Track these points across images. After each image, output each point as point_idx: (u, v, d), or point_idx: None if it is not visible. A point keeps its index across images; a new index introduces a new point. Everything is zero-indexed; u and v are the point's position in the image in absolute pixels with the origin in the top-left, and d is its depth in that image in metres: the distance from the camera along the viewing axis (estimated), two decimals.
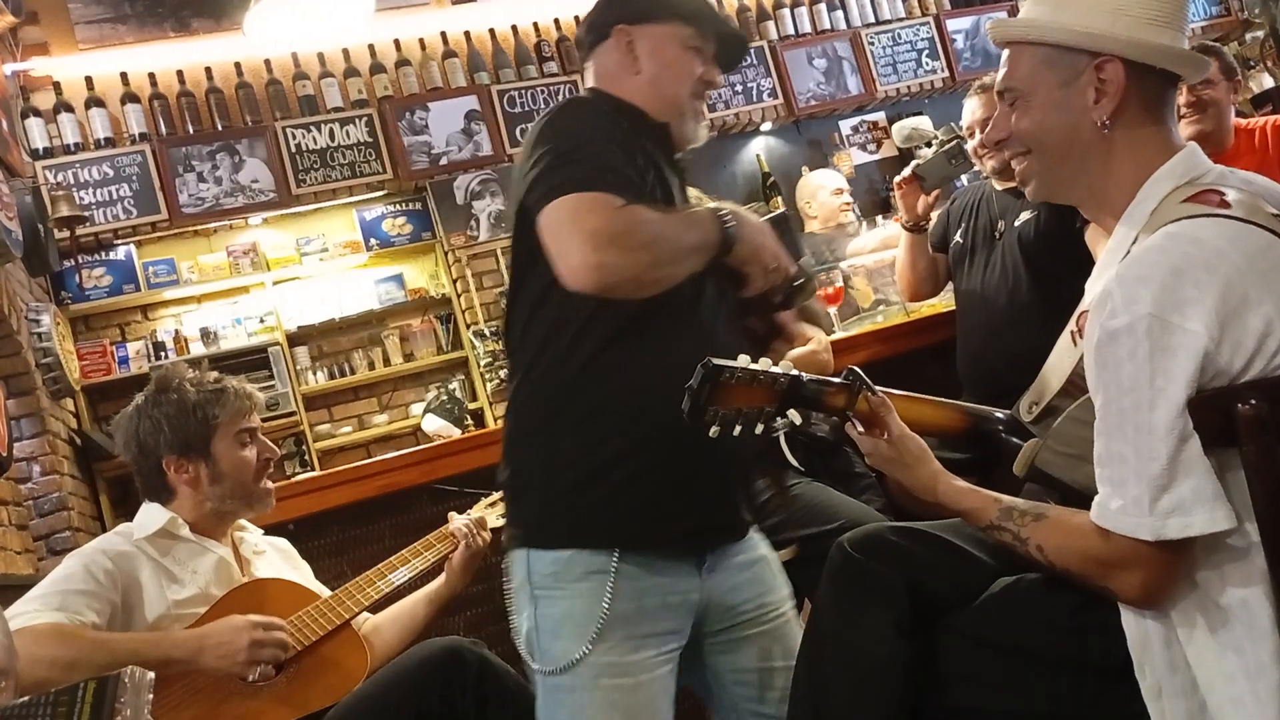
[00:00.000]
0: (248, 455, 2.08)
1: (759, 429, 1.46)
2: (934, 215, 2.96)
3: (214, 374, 2.14)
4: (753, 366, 1.43)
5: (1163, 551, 1.18)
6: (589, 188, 1.50)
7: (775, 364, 1.45)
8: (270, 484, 2.13)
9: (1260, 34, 6.23)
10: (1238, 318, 1.16)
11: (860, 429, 1.51)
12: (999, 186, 2.80)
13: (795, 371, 1.46)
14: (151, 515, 2.05)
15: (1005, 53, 1.41)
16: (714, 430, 1.40)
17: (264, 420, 4.54)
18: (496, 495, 2.39)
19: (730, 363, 1.41)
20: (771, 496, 2.47)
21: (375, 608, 2.13)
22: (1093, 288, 1.39)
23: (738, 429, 1.42)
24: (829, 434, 2.63)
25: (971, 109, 2.83)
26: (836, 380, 1.50)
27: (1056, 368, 1.52)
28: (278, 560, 2.20)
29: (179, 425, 2.04)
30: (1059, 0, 1.36)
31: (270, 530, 2.34)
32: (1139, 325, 1.17)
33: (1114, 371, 1.19)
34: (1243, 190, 1.29)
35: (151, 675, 1.83)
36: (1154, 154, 1.33)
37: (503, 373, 5.03)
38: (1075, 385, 1.42)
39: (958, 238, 2.87)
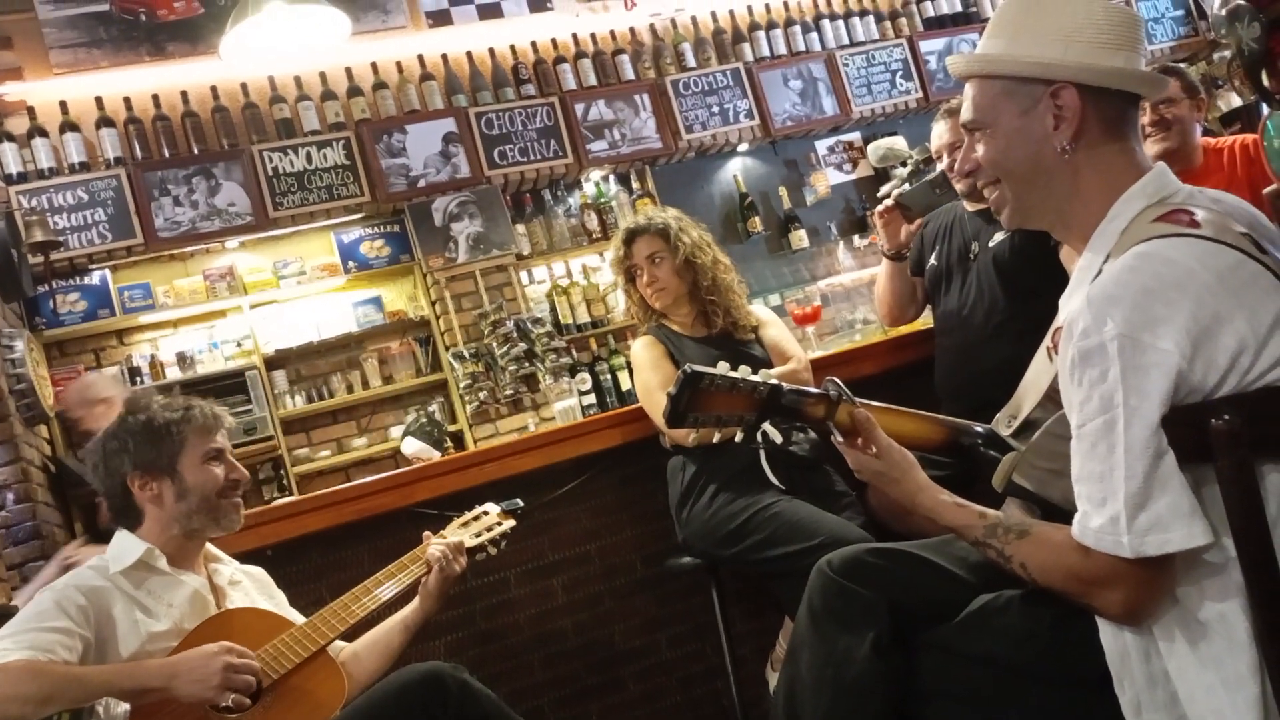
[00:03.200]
0: (215, 471, 2.06)
1: (740, 436, 1.48)
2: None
3: (184, 398, 2.13)
4: (732, 374, 1.45)
5: (1143, 568, 1.18)
6: None
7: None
8: (230, 500, 2.09)
9: (1228, 53, 6.33)
10: (1210, 336, 1.17)
11: (840, 439, 1.52)
12: (970, 208, 2.83)
13: (775, 381, 1.48)
14: (127, 546, 2.03)
15: (967, 87, 1.44)
16: (692, 438, 1.43)
17: (242, 444, 4.59)
18: (469, 515, 2.37)
19: (710, 370, 1.43)
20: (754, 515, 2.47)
21: (351, 633, 2.11)
22: (1066, 305, 1.41)
23: (717, 435, 1.45)
24: (809, 452, 2.64)
25: (939, 132, 2.85)
26: (815, 391, 1.51)
27: (1034, 383, 1.54)
28: (253, 590, 2.18)
29: (144, 443, 2.04)
30: (1014, 32, 1.39)
31: (248, 556, 2.32)
32: (1111, 345, 1.18)
33: (1088, 391, 1.20)
34: (1212, 209, 1.30)
35: (126, 706, 1.83)
36: (1120, 173, 1.35)
37: (482, 394, 5.02)
38: (1052, 400, 1.43)
39: (933, 260, 2.90)
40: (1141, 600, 1.21)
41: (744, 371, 1.47)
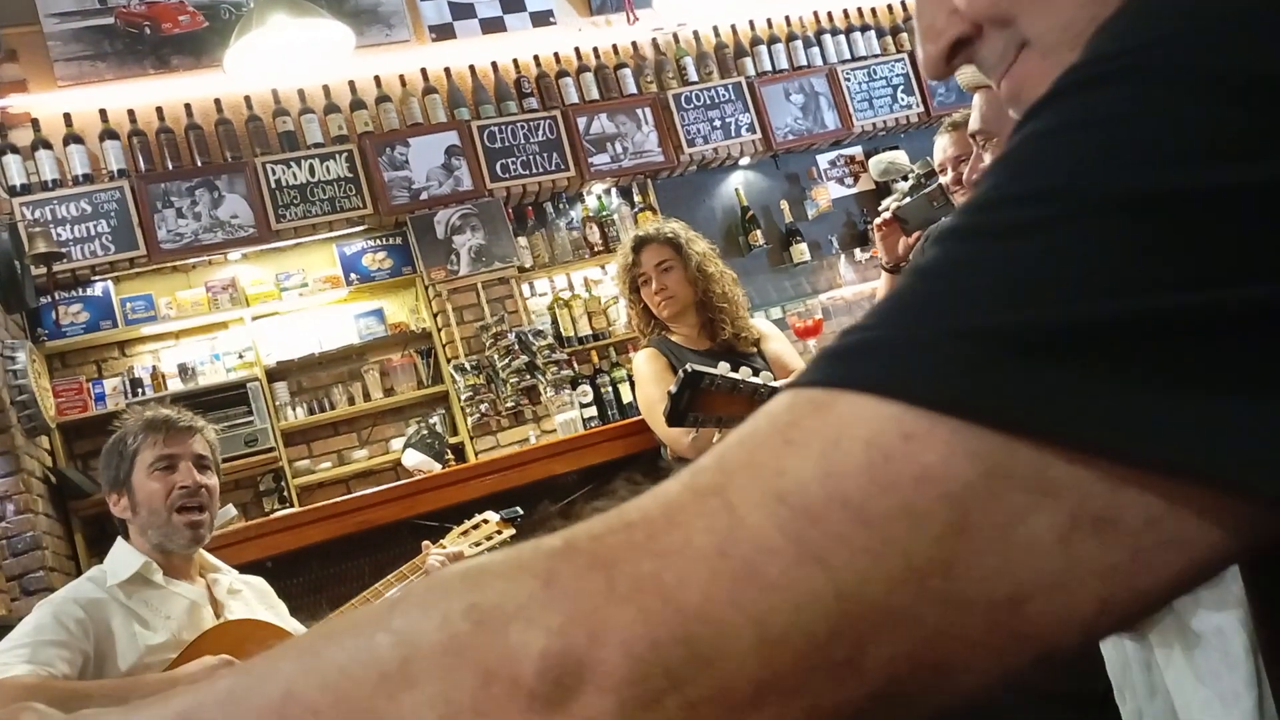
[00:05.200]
0: (155, 486, 2.05)
1: None
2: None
3: (161, 407, 2.16)
4: (733, 375, 1.46)
5: None
6: None
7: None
8: (183, 517, 2.04)
9: None
10: None
11: None
12: None
13: (775, 382, 1.49)
14: (124, 559, 2.04)
15: (975, 97, 1.45)
16: (691, 438, 1.44)
17: (242, 456, 4.59)
18: (469, 524, 2.38)
19: (711, 370, 1.44)
20: None
21: None
22: None
23: (717, 436, 1.46)
24: None
25: (943, 146, 2.86)
26: None
27: None
28: (253, 600, 2.18)
29: (109, 459, 2.09)
30: None
31: (248, 568, 2.32)
32: None
33: None
34: None
35: None
36: None
37: (483, 406, 5.03)
38: None
39: None
40: None
41: (745, 373, 1.48)
